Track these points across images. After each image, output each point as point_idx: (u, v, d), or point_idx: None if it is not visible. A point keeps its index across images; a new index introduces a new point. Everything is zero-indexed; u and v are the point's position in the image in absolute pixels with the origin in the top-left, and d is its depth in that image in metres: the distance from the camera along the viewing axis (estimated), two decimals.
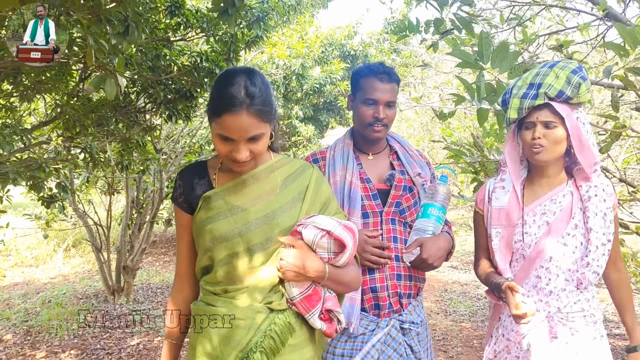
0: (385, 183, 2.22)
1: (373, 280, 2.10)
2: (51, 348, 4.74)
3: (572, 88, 1.97)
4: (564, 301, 2.01)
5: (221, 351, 1.58)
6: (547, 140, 1.99)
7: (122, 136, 4.44)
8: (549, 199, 2.07)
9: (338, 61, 8.77)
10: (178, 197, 1.74)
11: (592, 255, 1.97)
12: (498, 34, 4.31)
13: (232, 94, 1.54)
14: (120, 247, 6.40)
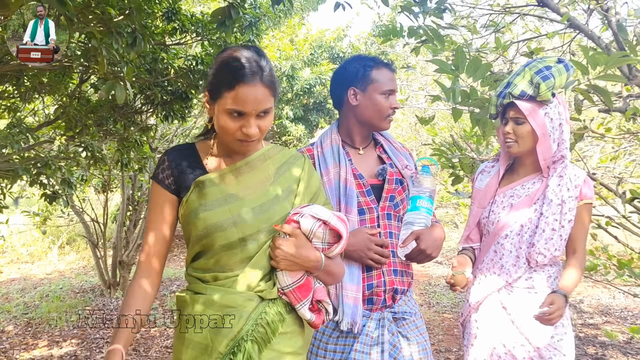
0: (377, 178, 2.19)
1: (370, 277, 2.07)
2: (52, 338, 4.96)
3: (533, 87, 2.13)
4: (513, 276, 2.20)
5: (211, 340, 1.55)
6: (516, 135, 2.19)
7: (120, 136, 4.66)
8: (520, 184, 2.27)
9: (327, 63, 9.02)
10: (165, 178, 1.65)
11: (538, 237, 2.14)
12: (475, 40, 4.58)
13: (245, 65, 1.52)
14: (117, 243, 6.62)
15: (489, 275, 2.28)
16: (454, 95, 2.95)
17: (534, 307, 2.09)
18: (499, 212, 2.28)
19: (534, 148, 2.20)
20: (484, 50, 4.02)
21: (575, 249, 2.21)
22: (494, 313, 2.24)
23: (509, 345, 2.19)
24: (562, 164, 2.20)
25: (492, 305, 2.25)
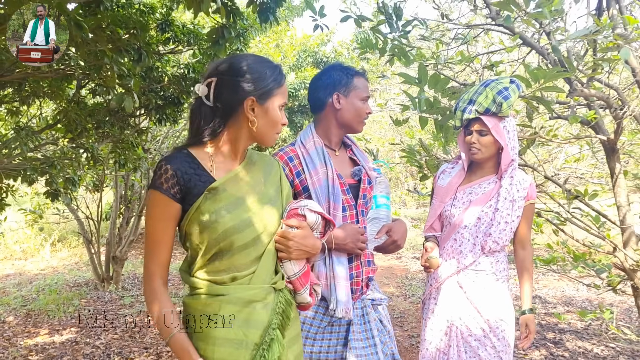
0: (353, 177, 2.37)
1: (351, 268, 2.26)
2: (52, 326, 5.30)
3: (496, 106, 2.50)
4: (470, 260, 2.59)
5: (244, 334, 1.63)
6: (480, 144, 2.58)
7: (117, 138, 5.01)
8: (478, 184, 2.65)
9: (311, 68, 9.41)
10: (170, 187, 1.64)
11: (494, 228, 2.54)
12: (447, 51, 4.99)
13: (279, 65, 1.76)
14: (110, 239, 6.96)
15: (449, 260, 2.66)
16: (419, 104, 3.35)
17: (484, 286, 2.55)
18: (460, 206, 2.65)
19: (492, 155, 2.60)
20: (452, 62, 4.42)
21: (523, 243, 2.65)
22: (452, 292, 2.62)
23: (464, 318, 2.57)
24: (512, 167, 2.57)
25: (451, 285, 2.63)
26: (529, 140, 3.59)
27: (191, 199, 1.65)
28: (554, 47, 2.72)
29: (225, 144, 1.75)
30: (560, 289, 6.86)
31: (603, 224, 3.61)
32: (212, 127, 1.71)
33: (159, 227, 1.65)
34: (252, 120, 1.70)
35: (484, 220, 2.58)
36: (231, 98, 1.69)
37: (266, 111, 1.71)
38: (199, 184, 1.66)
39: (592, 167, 6.38)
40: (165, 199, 1.63)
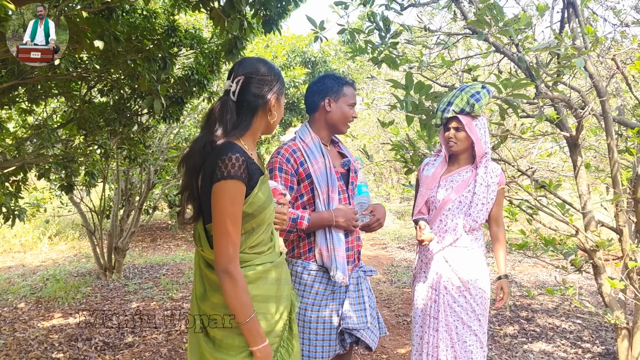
0: (343, 167, 2.82)
1: (347, 242, 2.69)
2: (65, 311, 5.69)
3: (469, 106, 2.94)
4: (454, 238, 3.01)
5: (285, 289, 2.04)
6: (456, 139, 3.01)
7: (126, 135, 5.40)
8: (457, 173, 3.08)
9: (300, 67, 9.84)
10: (246, 176, 1.82)
11: (473, 209, 2.99)
12: (430, 54, 5.44)
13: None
14: (112, 230, 7.34)
15: (436, 238, 3.08)
16: (406, 105, 3.81)
17: (466, 260, 3.00)
18: (443, 192, 3.08)
19: (467, 147, 3.03)
20: (434, 65, 4.88)
21: (497, 221, 3.13)
22: (439, 265, 3.04)
23: (449, 288, 3.01)
24: (486, 158, 3.02)
25: (438, 260, 3.05)
26: (502, 137, 4.07)
27: (252, 184, 1.85)
28: (519, 59, 3.19)
29: (250, 136, 1.97)
30: (535, 274, 7.39)
31: (567, 210, 4.10)
32: (244, 122, 1.93)
33: (239, 213, 1.81)
34: (274, 113, 2.00)
35: (464, 204, 3.02)
36: (259, 95, 1.94)
37: (280, 105, 2.03)
38: (256, 171, 1.87)
39: (564, 161, 6.91)
40: (243, 186, 1.81)
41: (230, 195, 1.77)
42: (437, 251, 3.07)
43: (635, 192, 3.50)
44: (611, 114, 3.80)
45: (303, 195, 2.65)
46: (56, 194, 8.74)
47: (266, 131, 2.06)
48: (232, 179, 1.77)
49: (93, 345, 4.60)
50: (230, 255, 1.78)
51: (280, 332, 1.97)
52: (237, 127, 1.91)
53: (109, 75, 4.42)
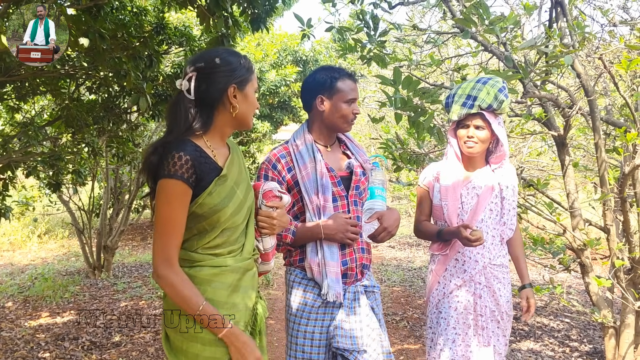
0: (345, 170, 2.49)
1: (344, 255, 2.38)
2: (52, 310, 5.66)
3: (498, 103, 2.60)
4: (493, 253, 2.66)
5: (245, 297, 1.88)
6: (477, 139, 2.64)
7: (114, 133, 5.38)
8: (476, 177, 2.71)
9: (291, 66, 9.83)
10: (190, 176, 1.74)
11: (506, 216, 2.68)
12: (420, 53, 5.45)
13: (246, 56, 2.03)
14: (101, 229, 7.30)
15: (475, 256, 2.67)
16: (395, 102, 3.80)
17: (501, 277, 2.68)
18: (469, 202, 2.70)
19: (485, 149, 2.72)
20: (423, 63, 4.88)
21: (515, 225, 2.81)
22: (476, 287, 2.66)
23: (482, 308, 2.66)
24: (505, 160, 2.74)
25: (477, 280, 2.66)
26: None
27: (204, 185, 1.77)
28: (506, 57, 3.19)
29: (216, 133, 1.89)
30: None
31: (555, 209, 4.10)
32: (203, 119, 1.84)
33: (180, 215, 1.74)
34: (235, 106, 1.85)
35: (495, 212, 2.68)
36: (214, 89, 1.82)
37: (245, 96, 1.88)
38: (209, 170, 1.79)
39: (553, 160, 6.93)
40: (184, 186, 1.73)
41: (167, 194, 1.72)
42: (477, 271, 2.67)
43: (622, 192, 3.50)
44: (599, 113, 3.80)
45: (293, 204, 2.42)
46: (45, 193, 8.69)
47: (237, 125, 1.94)
48: (170, 179, 1.72)
49: (80, 345, 4.57)
50: (162, 260, 1.73)
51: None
52: (194, 125, 1.83)
53: (97, 72, 4.39)
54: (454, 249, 2.74)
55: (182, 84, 1.82)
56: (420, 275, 7.40)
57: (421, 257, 8.59)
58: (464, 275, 2.68)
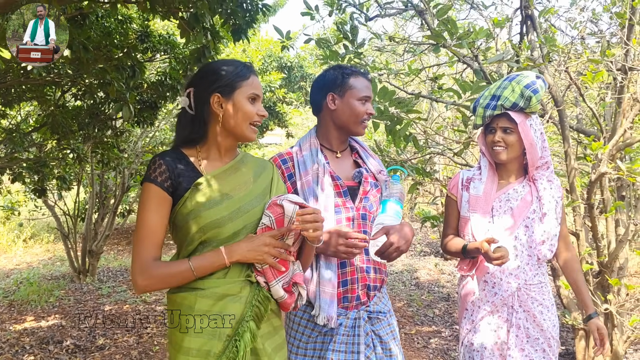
0: (354, 180, 2.26)
1: (345, 274, 2.13)
2: (37, 314, 5.72)
3: (525, 100, 2.30)
4: (528, 274, 2.36)
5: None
6: (505, 143, 2.34)
7: (99, 139, 5.45)
8: (512, 189, 2.41)
9: (276, 72, 9.93)
10: (164, 181, 1.74)
11: (546, 235, 2.34)
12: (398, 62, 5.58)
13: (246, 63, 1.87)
14: (86, 234, 7.36)
15: (508, 277, 2.37)
16: None
17: (541, 300, 2.36)
18: (501, 216, 2.39)
19: (518, 155, 2.39)
20: (402, 72, 5.01)
21: (567, 243, 2.49)
22: (511, 313, 2.36)
23: (521, 335, 2.35)
24: (549, 170, 2.42)
25: (511, 304, 2.36)
26: (465, 143, 4.21)
27: (180, 192, 1.75)
28: (475, 70, 3.32)
29: (211, 146, 1.85)
30: None
31: None
32: (198, 133, 1.83)
33: (153, 218, 1.72)
34: (221, 115, 1.79)
35: (531, 228, 2.37)
36: (199, 100, 1.81)
37: (234, 104, 1.79)
38: (187, 179, 1.76)
39: None
40: (159, 190, 1.73)
41: (143, 198, 1.75)
42: (511, 294, 2.37)
43: (589, 198, 3.64)
44: (568, 122, 3.95)
45: None
46: (30, 197, 8.73)
47: (231, 136, 1.85)
48: (146, 182, 1.75)
49: (64, 348, 4.64)
50: (138, 271, 1.70)
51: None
52: (190, 139, 1.85)
53: (82, 80, 4.47)
54: (481, 269, 2.44)
55: (183, 101, 1.83)
56: (401, 279, 7.51)
57: (403, 261, 8.70)
58: (494, 299, 2.38)
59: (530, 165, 2.37)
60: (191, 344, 1.68)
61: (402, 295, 6.58)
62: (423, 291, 6.76)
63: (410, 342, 4.83)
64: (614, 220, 4.13)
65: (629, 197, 4.29)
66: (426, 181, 5.23)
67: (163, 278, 1.69)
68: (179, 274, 1.69)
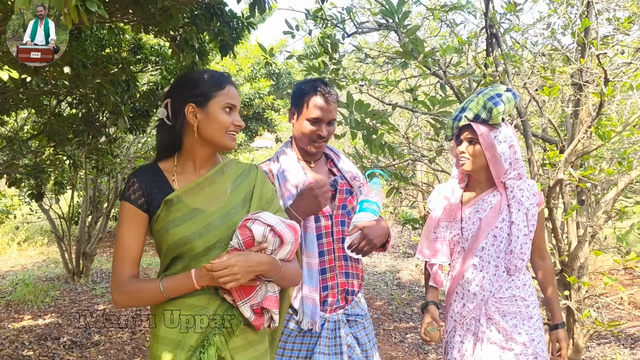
0: (330, 188, 2.25)
1: (325, 279, 2.23)
2: (34, 313, 5.98)
3: (486, 112, 2.30)
4: (495, 286, 2.34)
5: (183, 336, 1.71)
6: (469, 153, 2.36)
7: (93, 145, 5.72)
8: (481, 199, 2.42)
9: (265, 79, 10.23)
10: (138, 198, 1.77)
11: (514, 244, 2.32)
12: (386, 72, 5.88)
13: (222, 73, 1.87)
14: (80, 237, 7.62)
15: (473, 288, 2.39)
16: (350, 122, 4.23)
17: (518, 314, 2.32)
18: (470, 228, 2.41)
19: (485, 165, 2.37)
20: (381, 83, 5.31)
21: (541, 253, 2.51)
22: (481, 326, 2.36)
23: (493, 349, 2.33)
24: (521, 180, 2.39)
25: (479, 318, 2.37)
26: (437, 151, 4.52)
27: (153, 209, 1.78)
28: (441, 85, 3.63)
29: (187, 156, 1.85)
30: None
31: None
32: (173, 143, 1.84)
33: (130, 236, 1.77)
34: (196, 125, 1.77)
35: (500, 238, 2.36)
36: (174, 110, 1.80)
37: (208, 114, 1.77)
38: (159, 195, 1.78)
39: None
40: (134, 208, 1.77)
41: (120, 216, 1.80)
42: (476, 306, 2.39)
43: (549, 202, 3.95)
44: (533, 131, 4.27)
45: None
46: (25, 201, 8.97)
47: (208, 146, 1.84)
48: (124, 200, 1.79)
49: (61, 344, 4.91)
50: (115, 286, 1.76)
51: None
52: (167, 149, 1.87)
53: (77, 90, 4.74)
54: (454, 281, 2.49)
55: (161, 112, 1.84)
56: (383, 279, 7.81)
57: (386, 262, 9.00)
58: (462, 310, 2.43)
59: (495, 177, 2.37)
60: (157, 351, 1.74)
61: (384, 294, 6.88)
62: (404, 290, 7.06)
63: (388, 338, 5.13)
64: (575, 223, 4.45)
65: (589, 201, 4.61)
66: (402, 186, 5.54)
67: (136, 296, 1.74)
68: (150, 293, 1.73)
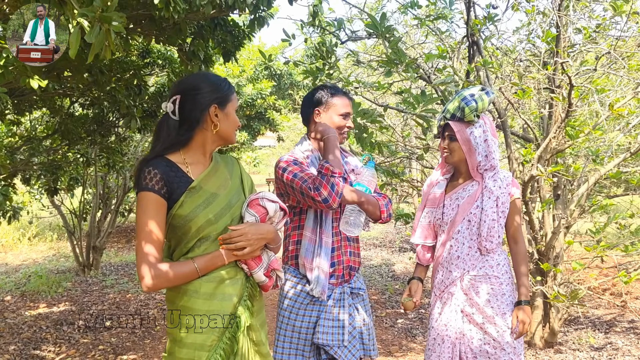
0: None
1: (333, 257, 2.58)
2: (49, 302, 6.36)
3: (460, 111, 2.59)
4: (469, 264, 2.63)
5: (221, 306, 1.90)
6: (449, 148, 2.68)
7: (104, 144, 6.09)
8: (462, 188, 2.72)
9: (267, 80, 10.60)
10: (161, 188, 1.86)
11: (482, 227, 2.60)
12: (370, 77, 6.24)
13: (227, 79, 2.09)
14: (90, 231, 8.01)
15: (450, 267, 2.69)
16: None
17: (490, 290, 2.59)
18: (449, 213, 2.72)
19: (464, 158, 2.67)
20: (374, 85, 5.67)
21: (515, 238, 2.73)
22: (456, 299, 2.65)
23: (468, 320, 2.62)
24: (494, 171, 2.67)
25: (455, 293, 2.66)
26: (424, 149, 4.88)
27: (176, 197, 1.89)
28: (422, 92, 3.99)
29: (196, 149, 1.99)
30: None
31: None
32: (183, 137, 1.95)
33: (154, 223, 1.84)
34: (217, 124, 1.96)
35: (474, 222, 2.64)
36: (196, 109, 1.92)
37: (227, 114, 1.99)
38: (181, 184, 1.90)
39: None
40: (157, 197, 1.86)
41: (142, 205, 1.86)
42: (453, 282, 2.69)
43: (524, 196, 4.31)
44: (510, 130, 4.63)
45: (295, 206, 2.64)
46: (35, 197, 9.37)
47: (220, 142, 2.05)
48: (143, 191, 1.86)
49: (77, 328, 5.29)
50: (144, 271, 1.81)
51: (209, 347, 1.89)
52: (175, 143, 1.95)
53: (90, 92, 5.11)
54: (437, 260, 2.81)
55: (167, 106, 1.94)
56: (379, 271, 8.16)
57: (382, 256, 9.36)
58: (440, 285, 2.73)
59: (471, 168, 2.66)
60: (189, 339, 1.87)
61: (378, 286, 7.23)
62: (398, 282, 7.42)
63: (380, 323, 5.50)
64: (551, 215, 4.81)
65: (564, 196, 4.96)
66: (395, 182, 5.90)
67: (170, 278, 1.84)
68: (185, 273, 1.86)
